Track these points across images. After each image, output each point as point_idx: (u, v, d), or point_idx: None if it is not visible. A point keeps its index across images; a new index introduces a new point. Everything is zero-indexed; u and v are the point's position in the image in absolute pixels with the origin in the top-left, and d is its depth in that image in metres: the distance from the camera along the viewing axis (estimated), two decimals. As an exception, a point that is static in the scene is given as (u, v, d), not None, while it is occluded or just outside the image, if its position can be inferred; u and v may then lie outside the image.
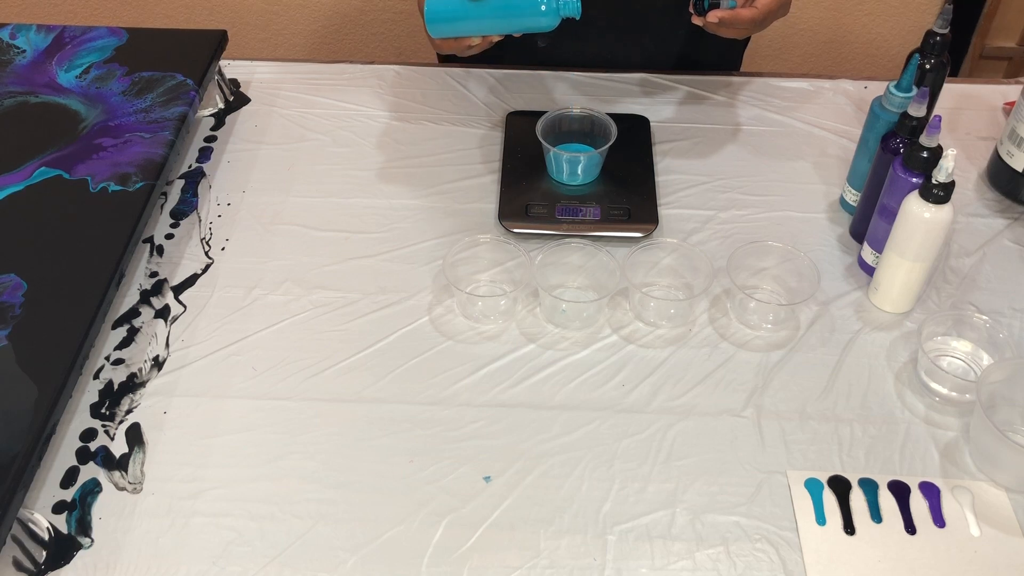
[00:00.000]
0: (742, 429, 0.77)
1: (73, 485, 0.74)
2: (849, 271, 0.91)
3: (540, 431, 0.77)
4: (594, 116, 0.99)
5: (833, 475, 0.74)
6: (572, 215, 0.93)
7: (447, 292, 0.88)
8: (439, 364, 0.82)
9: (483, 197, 0.98)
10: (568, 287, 0.89)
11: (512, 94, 1.12)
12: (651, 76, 1.14)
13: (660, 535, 0.71)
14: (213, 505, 0.72)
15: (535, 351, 0.83)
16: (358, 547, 0.70)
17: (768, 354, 0.83)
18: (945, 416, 0.78)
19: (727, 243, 0.93)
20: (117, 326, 0.85)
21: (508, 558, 0.69)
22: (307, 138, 1.06)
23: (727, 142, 1.06)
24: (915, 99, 0.82)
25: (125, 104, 0.98)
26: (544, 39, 1.04)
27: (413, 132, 1.07)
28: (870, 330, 0.85)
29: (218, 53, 1.06)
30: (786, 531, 0.71)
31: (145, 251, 0.93)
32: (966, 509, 0.72)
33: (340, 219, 0.96)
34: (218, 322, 0.86)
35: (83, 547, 0.70)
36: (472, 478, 0.74)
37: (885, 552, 0.69)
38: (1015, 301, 0.88)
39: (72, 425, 0.78)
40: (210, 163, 1.03)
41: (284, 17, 1.85)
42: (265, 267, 0.91)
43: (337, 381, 0.81)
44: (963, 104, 1.10)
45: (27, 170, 0.91)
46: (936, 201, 0.77)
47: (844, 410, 0.79)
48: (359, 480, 0.74)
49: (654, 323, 0.86)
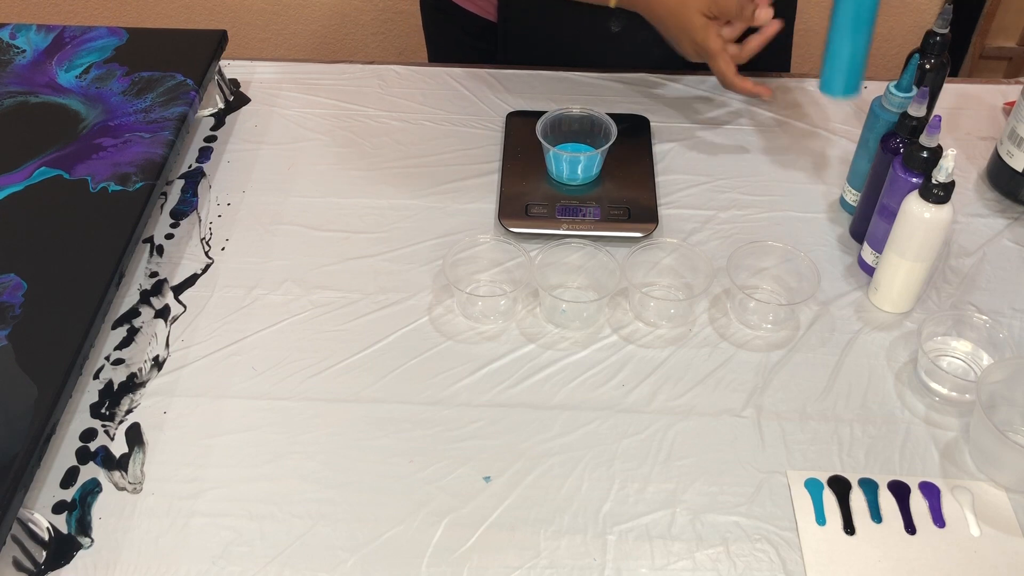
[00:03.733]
0: (742, 429, 0.77)
1: (73, 485, 0.74)
2: (849, 271, 0.91)
3: (540, 431, 0.77)
4: (594, 116, 0.99)
5: (833, 475, 0.74)
6: (572, 215, 0.93)
7: (447, 292, 0.88)
8: (439, 364, 0.82)
9: (483, 197, 0.98)
10: (568, 287, 0.89)
11: (512, 94, 1.12)
12: (651, 76, 1.14)
13: (660, 535, 0.71)
14: (213, 505, 0.72)
15: (535, 351, 0.83)
16: (358, 547, 0.70)
17: (768, 354, 0.83)
18: (945, 416, 0.78)
19: (727, 243, 0.93)
20: (117, 326, 0.86)
21: (508, 558, 0.69)
22: (307, 138, 1.06)
23: (727, 142, 1.06)
24: (915, 99, 0.82)
25: (125, 104, 0.98)
26: (618, 23, 1.09)
27: (413, 132, 1.07)
28: (870, 330, 0.85)
29: (218, 53, 1.06)
30: (786, 531, 0.71)
31: (145, 251, 0.93)
32: (966, 509, 0.72)
33: (340, 219, 0.96)
34: (218, 322, 0.86)
35: (83, 547, 0.70)
36: (472, 478, 0.74)
37: (885, 552, 0.69)
38: (1015, 301, 0.88)
39: (72, 425, 0.78)
40: (210, 163, 1.03)
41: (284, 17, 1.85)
42: (265, 267, 0.91)
43: (337, 381, 0.81)
44: (963, 104, 1.10)
45: (27, 170, 0.91)
46: (936, 201, 0.77)
47: (844, 410, 0.79)
48: (359, 480, 0.74)
49: (654, 323, 0.86)
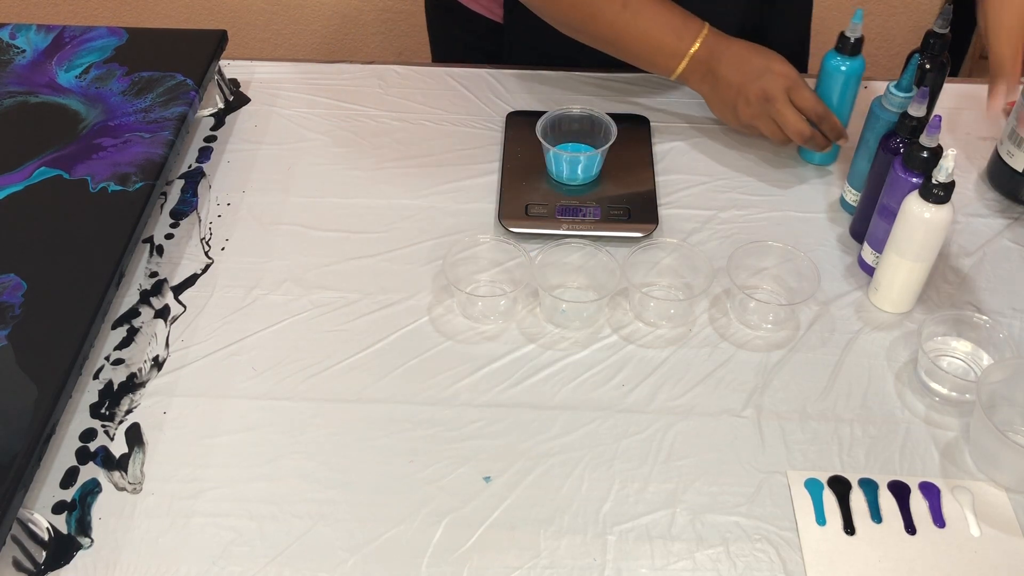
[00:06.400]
0: (742, 429, 0.77)
1: (73, 485, 0.74)
2: (849, 271, 0.91)
3: (540, 431, 0.77)
4: (594, 116, 0.99)
5: (833, 475, 0.74)
6: (572, 215, 0.93)
7: (447, 292, 0.88)
8: (439, 364, 0.82)
9: (483, 197, 0.98)
10: (568, 287, 0.89)
11: (512, 94, 1.12)
12: (651, 76, 1.13)
13: (660, 535, 0.71)
14: (213, 505, 0.72)
15: (535, 351, 0.83)
16: (358, 547, 0.70)
17: (768, 354, 0.83)
18: (945, 416, 0.78)
19: (727, 243, 0.93)
20: (117, 326, 0.85)
21: (508, 558, 0.69)
22: (307, 138, 1.06)
23: (727, 142, 1.05)
24: (915, 99, 0.82)
25: (125, 104, 0.98)
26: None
27: (413, 132, 1.07)
28: (870, 330, 0.85)
29: (218, 53, 1.06)
30: (786, 531, 0.71)
31: (145, 251, 0.93)
32: (966, 509, 0.72)
33: (340, 219, 0.96)
34: (218, 322, 0.86)
35: (83, 547, 0.70)
36: (472, 478, 0.74)
37: (885, 552, 0.69)
38: (1015, 301, 0.88)
39: (72, 425, 0.78)
40: (210, 163, 1.03)
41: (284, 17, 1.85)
42: (265, 267, 0.91)
43: (337, 381, 0.81)
44: (963, 104, 1.10)
45: (27, 170, 0.91)
46: (936, 201, 0.77)
47: (844, 410, 0.79)
48: (359, 480, 0.74)
49: (654, 323, 0.86)
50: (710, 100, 0.98)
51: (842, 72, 0.93)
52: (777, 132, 0.95)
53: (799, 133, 0.93)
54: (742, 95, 0.95)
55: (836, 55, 0.93)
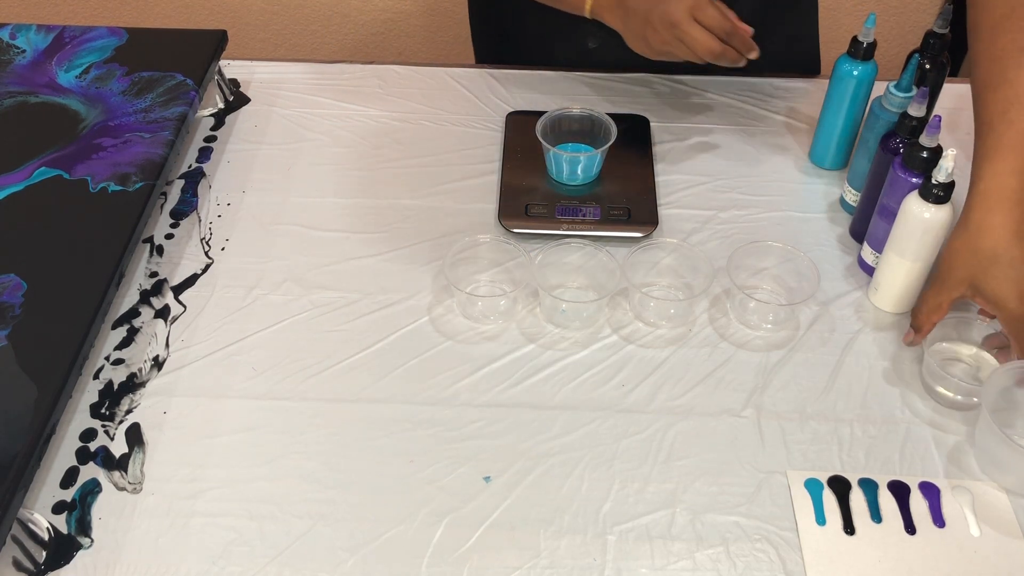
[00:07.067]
0: (742, 429, 0.77)
1: (73, 485, 0.74)
2: (849, 271, 0.91)
3: (540, 431, 0.77)
4: (594, 116, 0.99)
5: (833, 475, 0.74)
6: (572, 215, 0.93)
7: (447, 292, 0.88)
8: (439, 364, 0.82)
9: (483, 197, 0.98)
10: (568, 287, 0.89)
11: (512, 94, 1.12)
12: (651, 76, 1.13)
13: (660, 535, 0.71)
14: (213, 505, 0.72)
15: (535, 351, 0.83)
16: (358, 547, 0.70)
17: (768, 354, 0.83)
18: (944, 416, 0.78)
19: (727, 243, 0.93)
20: (117, 326, 0.85)
21: (508, 558, 0.69)
22: (307, 138, 1.06)
23: (727, 142, 1.05)
24: (915, 99, 0.82)
25: (125, 104, 0.98)
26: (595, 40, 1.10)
27: (413, 132, 1.07)
28: (870, 330, 0.85)
29: (218, 53, 1.06)
30: (786, 531, 0.71)
31: (145, 251, 0.93)
32: (966, 509, 0.72)
33: (340, 219, 0.96)
34: (218, 322, 0.86)
35: (83, 547, 0.70)
36: (472, 478, 0.74)
37: (885, 552, 0.69)
38: (1015, 301, 0.88)
39: (72, 425, 0.78)
40: (210, 163, 1.03)
41: (284, 17, 1.85)
42: (265, 267, 0.91)
43: (337, 381, 0.81)
44: (963, 104, 1.10)
45: (27, 170, 0.91)
46: (936, 201, 0.77)
47: (844, 410, 0.79)
48: (359, 480, 0.74)
49: (654, 323, 0.86)
50: (625, 34, 0.97)
51: (854, 77, 0.93)
52: (690, 54, 0.93)
53: (709, 51, 0.92)
54: (649, 23, 0.93)
55: (848, 60, 0.93)
